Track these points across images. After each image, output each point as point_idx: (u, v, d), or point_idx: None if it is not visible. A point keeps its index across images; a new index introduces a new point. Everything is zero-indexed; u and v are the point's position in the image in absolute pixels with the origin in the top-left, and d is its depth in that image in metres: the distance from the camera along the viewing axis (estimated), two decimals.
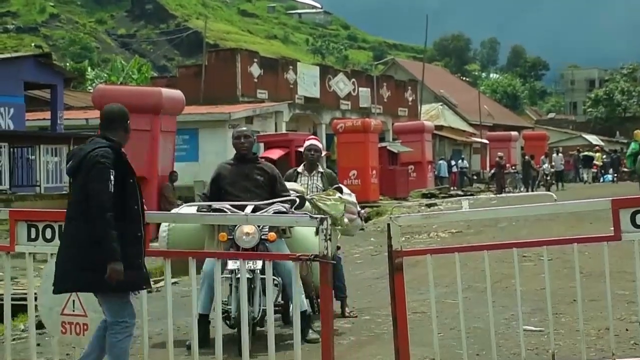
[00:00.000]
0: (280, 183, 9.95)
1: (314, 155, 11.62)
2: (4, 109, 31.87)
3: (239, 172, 9.84)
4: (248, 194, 9.67)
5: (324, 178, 11.57)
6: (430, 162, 49.19)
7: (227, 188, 9.75)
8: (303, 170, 11.65)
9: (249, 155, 9.96)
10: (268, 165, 10.05)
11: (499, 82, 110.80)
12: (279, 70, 47.72)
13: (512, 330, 9.15)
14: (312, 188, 11.34)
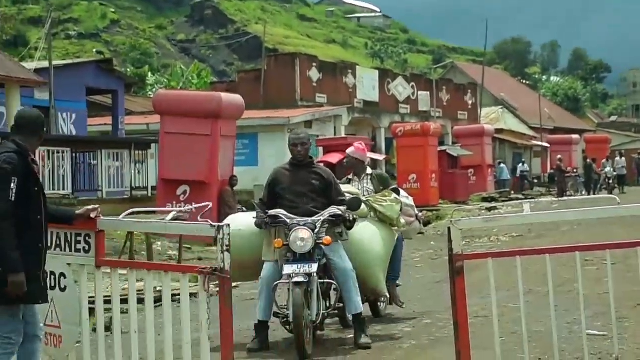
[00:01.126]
0: (336, 188, 9.88)
1: (347, 163, 11.76)
2: (66, 114, 32.29)
3: (295, 177, 9.76)
4: (304, 198, 9.62)
5: (374, 180, 11.48)
6: (490, 165, 48.89)
7: (283, 193, 9.68)
8: (353, 177, 11.63)
9: (305, 161, 9.87)
10: (324, 170, 10.01)
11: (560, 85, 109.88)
12: (338, 74, 47.73)
13: (574, 335, 9.07)
14: (363, 191, 11.28)
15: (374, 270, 10.03)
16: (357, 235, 9.95)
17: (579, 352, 7.82)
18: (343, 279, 9.43)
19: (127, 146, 27.92)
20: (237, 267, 9.43)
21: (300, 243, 9.12)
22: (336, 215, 9.47)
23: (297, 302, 8.72)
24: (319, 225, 9.32)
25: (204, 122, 23.13)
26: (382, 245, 10.22)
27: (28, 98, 30.02)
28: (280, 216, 9.37)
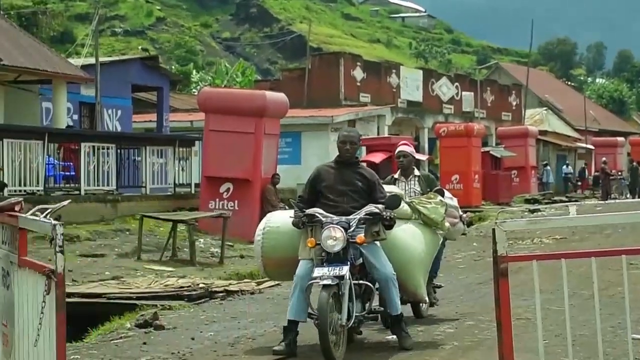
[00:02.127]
0: (380, 190, 9.52)
1: (402, 162, 11.54)
2: (112, 110, 32.53)
3: (339, 176, 9.49)
4: (344, 198, 9.34)
5: (421, 181, 11.45)
6: (533, 167, 48.64)
7: (324, 191, 9.42)
8: (400, 176, 11.58)
9: (351, 160, 9.60)
10: (368, 171, 9.72)
11: (605, 87, 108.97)
12: (381, 73, 47.71)
13: (619, 339, 9.00)
14: (410, 193, 11.24)
15: (414, 273, 9.71)
16: (399, 235, 9.64)
17: (624, 357, 7.75)
18: (383, 283, 9.20)
19: (171, 143, 28.04)
20: (275, 265, 9.80)
21: (331, 242, 8.84)
22: (373, 214, 9.14)
23: (322, 305, 8.48)
24: (354, 224, 9.03)
25: (248, 120, 23.19)
26: (425, 248, 9.86)
27: (75, 94, 30.32)
28: (317, 215, 9.11)
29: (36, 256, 6.40)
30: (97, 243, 20.98)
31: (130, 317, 12.13)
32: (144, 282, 14.75)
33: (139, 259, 19.47)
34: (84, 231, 21.60)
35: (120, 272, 17.08)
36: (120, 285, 14.49)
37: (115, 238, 22.08)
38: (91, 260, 18.76)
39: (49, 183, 23.89)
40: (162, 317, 11.54)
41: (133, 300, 13.21)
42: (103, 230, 22.37)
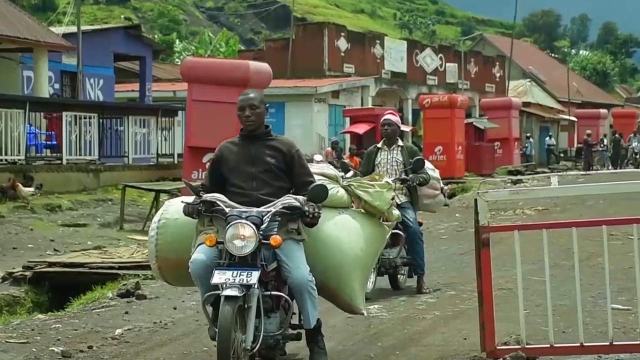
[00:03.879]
0: (302, 167, 7.30)
1: (387, 130, 11.46)
2: (94, 80, 32.37)
3: (244, 154, 7.28)
4: (253, 182, 7.17)
5: (404, 152, 11.38)
6: (516, 139, 48.72)
7: (229, 176, 7.27)
8: (382, 145, 11.53)
9: (257, 131, 7.33)
10: (285, 142, 7.39)
11: (588, 59, 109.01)
12: (365, 44, 47.60)
13: (599, 309, 9.04)
14: (392, 162, 11.32)
15: (349, 279, 7.48)
16: (329, 231, 7.42)
17: (603, 326, 7.80)
18: (296, 289, 6.98)
19: (154, 113, 27.98)
20: (173, 267, 7.52)
21: (238, 243, 6.70)
22: (291, 208, 6.98)
23: (224, 324, 6.43)
24: (268, 220, 6.90)
25: (232, 90, 23.02)
26: (364, 246, 7.58)
27: (56, 63, 30.14)
28: (218, 203, 6.97)
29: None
30: (79, 213, 20.95)
31: (112, 286, 12.13)
32: (126, 252, 14.73)
33: (121, 229, 19.47)
34: (66, 201, 21.56)
35: (103, 242, 17.07)
36: (102, 255, 14.47)
37: (98, 208, 22.06)
38: (73, 230, 18.74)
39: (30, 152, 23.81)
40: (144, 287, 11.55)
41: (115, 270, 13.20)
42: (85, 200, 22.33)
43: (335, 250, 7.36)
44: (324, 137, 37.66)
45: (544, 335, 7.60)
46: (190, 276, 6.91)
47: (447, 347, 8.13)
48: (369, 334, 8.87)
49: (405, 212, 11.02)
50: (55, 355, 8.25)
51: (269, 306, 6.89)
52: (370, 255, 7.73)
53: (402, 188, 11.17)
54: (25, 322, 10.24)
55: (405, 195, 11.22)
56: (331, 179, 7.71)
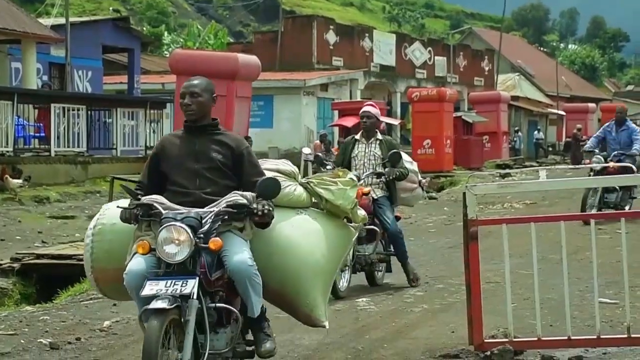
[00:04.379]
0: (252, 163, 6.50)
1: (366, 122, 11.15)
2: (82, 72, 32.29)
3: (187, 149, 6.47)
4: (197, 179, 6.38)
5: (382, 145, 11.06)
6: (505, 132, 48.78)
7: (169, 172, 6.45)
8: (361, 138, 11.23)
9: (200, 122, 6.52)
10: (232, 137, 6.59)
11: (577, 53, 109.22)
12: (354, 37, 47.61)
13: (586, 302, 9.06)
14: (369, 156, 11.04)
15: (309, 287, 6.62)
16: (286, 233, 6.57)
17: (591, 320, 7.82)
18: (236, 276, 6.12)
19: (142, 105, 27.94)
20: (111, 279, 6.56)
21: (170, 248, 5.89)
22: (237, 206, 6.16)
23: (150, 340, 5.59)
24: (210, 220, 6.09)
25: (220, 82, 23.00)
26: (326, 250, 6.71)
27: (44, 55, 30.06)
28: (156, 206, 6.15)
29: None
30: (67, 205, 20.92)
31: None
32: None
33: None
34: (54, 193, 21.53)
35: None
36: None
37: (86, 200, 22.03)
38: (61, 222, 18.71)
39: (18, 144, 23.75)
40: None
41: None
42: (73, 192, 22.29)
43: (292, 256, 6.51)
44: (312, 130, 37.66)
45: (532, 329, 7.62)
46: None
47: (435, 340, 8.14)
48: (356, 327, 8.88)
49: (383, 212, 10.83)
50: (44, 346, 8.25)
51: (213, 320, 6.06)
52: (332, 261, 6.81)
53: (380, 182, 10.94)
54: (13, 313, 10.23)
55: (382, 190, 10.96)
56: (288, 176, 6.84)
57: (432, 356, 7.59)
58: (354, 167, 10.94)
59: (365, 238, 10.77)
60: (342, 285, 10.48)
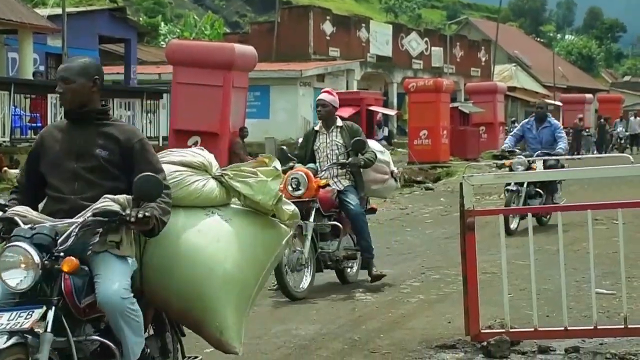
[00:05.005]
0: (146, 160, 5.28)
1: (320, 111, 10.54)
2: None
3: (67, 145, 5.32)
4: (76, 182, 5.23)
5: (344, 133, 10.46)
6: (502, 123, 48.76)
7: (47, 173, 5.33)
8: (320, 128, 10.64)
9: (81, 109, 5.40)
10: (125, 129, 5.46)
11: (574, 43, 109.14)
12: (351, 28, 47.55)
13: (583, 293, 9.07)
14: (331, 146, 10.49)
15: (217, 304, 5.44)
16: (190, 241, 5.45)
17: (587, 310, 7.83)
18: (107, 311, 4.93)
19: (139, 95, 27.89)
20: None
21: (11, 274, 4.72)
22: (107, 213, 4.96)
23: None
24: (75, 234, 4.88)
25: (216, 73, 23.06)
26: (240, 257, 5.57)
27: (41, 45, 30.02)
28: (16, 220, 4.97)
29: None
30: None
31: None
32: None
33: None
34: None
35: None
36: None
37: None
38: None
39: (15, 134, 23.73)
40: None
41: None
42: None
43: (195, 267, 5.38)
44: (309, 121, 37.59)
45: (528, 319, 7.63)
46: None
47: (432, 330, 8.14)
48: (353, 317, 8.88)
49: (346, 196, 10.26)
50: None
51: (84, 356, 4.93)
52: (252, 269, 5.67)
53: (346, 173, 10.42)
54: None
55: (348, 180, 10.41)
56: (197, 169, 5.71)
57: (429, 346, 7.59)
58: (317, 159, 10.52)
59: (330, 234, 10.15)
60: (301, 286, 9.86)
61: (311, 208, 9.92)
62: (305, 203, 9.77)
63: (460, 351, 7.42)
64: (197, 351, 6.40)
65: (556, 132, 15.57)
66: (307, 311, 9.19)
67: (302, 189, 9.90)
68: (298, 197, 9.71)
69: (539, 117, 15.79)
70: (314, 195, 9.95)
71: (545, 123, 15.67)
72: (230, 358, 6.80)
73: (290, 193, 9.74)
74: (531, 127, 15.81)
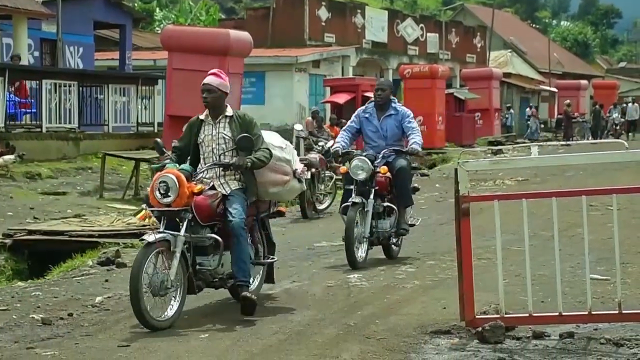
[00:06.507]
0: None
1: (207, 98, 8.82)
2: (73, 48, 32.16)
3: None
4: None
5: (233, 125, 8.75)
6: (497, 109, 48.79)
7: None
8: (206, 118, 8.88)
9: None
10: None
11: (569, 29, 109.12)
12: (347, 14, 47.44)
13: (577, 279, 9.09)
14: (217, 139, 8.72)
15: None
16: None
17: (582, 296, 7.85)
18: None
19: (134, 81, 27.84)
20: None
21: None
22: None
23: None
24: None
25: (212, 58, 22.98)
26: None
27: (35, 30, 29.92)
28: None
29: None
30: (59, 181, 20.90)
31: (92, 254, 12.13)
32: (106, 221, 14.70)
33: (101, 197, 19.42)
34: (45, 169, 21.49)
35: (83, 210, 17.03)
36: (82, 223, 14.44)
37: (78, 176, 21.99)
38: (53, 198, 18.70)
39: (10, 120, 23.71)
40: (124, 255, 11.55)
41: (95, 238, 13.20)
42: (65, 168, 22.27)
43: None
44: (304, 107, 37.59)
45: (523, 305, 7.65)
46: None
47: (427, 316, 8.17)
48: (349, 303, 8.90)
49: (230, 203, 8.47)
50: (36, 322, 8.26)
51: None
52: None
53: (234, 174, 8.66)
54: (5, 289, 10.25)
55: (238, 182, 8.66)
56: None
57: (424, 332, 7.62)
58: (201, 154, 8.80)
59: (212, 247, 9.07)
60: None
61: (183, 219, 8.14)
62: (176, 213, 8.12)
63: (455, 337, 7.44)
64: None
65: (405, 121, 11.66)
66: (302, 297, 9.21)
67: (171, 195, 8.10)
68: (166, 204, 8.11)
69: (381, 103, 11.66)
70: (186, 203, 8.14)
71: (390, 110, 11.67)
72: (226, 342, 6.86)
73: (158, 200, 8.15)
74: (370, 117, 11.68)
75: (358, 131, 11.72)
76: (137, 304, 7.71)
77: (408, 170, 11.54)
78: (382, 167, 11.26)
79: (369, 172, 11.03)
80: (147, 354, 7.14)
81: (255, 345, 7.30)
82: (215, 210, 8.40)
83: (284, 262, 10.92)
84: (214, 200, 8.40)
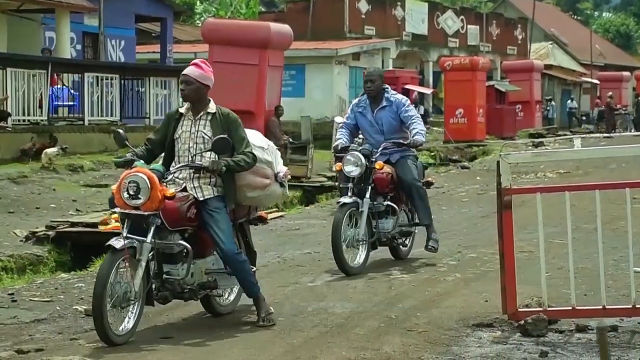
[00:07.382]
0: None
1: (184, 91, 8.01)
2: (115, 41, 32.34)
3: None
4: None
5: (214, 122, 7.90)
6: (538, 101, 48.50)
7: None
8: (187, 112, 8.03)
9: None
10: None
11: (612, 21, 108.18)
12: (387, 6, 47.35)
13: (621, 272, 9.03)
14: (195, 138, 7.85)
15: None
16: None
17: (625, 289, 7.79)
18: None
19: (174, 74, 27.91)
20: None
21: None
22: None
23: None
24: None
25: (252, 51, 23.06)
26: None
27: (78, 24, 30.12)
28: None
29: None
30: (100, 173, 21.03)
31: None
32: None
33: None
34: (87, 161, 21.64)
35: None
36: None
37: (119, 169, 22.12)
38: (95, 191, 18.81)
39: (53, 113, 23.91)
40: None
41: None
42: (107, 161, 22.38)
43: None
44: (344, 100, 37.55)
45: (566, 298, 7.61)
46: None
47: (468, 309, 8.14)
48: (389, 296, 8.90)
49: (215, 223, 7.66)
50: (79, 313, 8.33)
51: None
52: None
53: (210, 178, 7.79)
54: (49, 281, 10.34)
55: (214, 187, 7.78)
56: None
57: (466, 325, 7.60)
58: (177, 152, 7.94)
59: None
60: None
61: (151, 224, 7.36)
62: (144, 217, 7.35)
63: (497, 330, 7.42)
64: None
65: (401, 111, 10.64)
66: (343, 289, 9.21)
67: (142, 197, 7.30)
68: (134, 207, 7.33)
69: (373, 94, 10.72)
70: (156, 207, 7.35)
71: (383, 101, 10.72)
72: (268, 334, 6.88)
73: (126, 201, 7.38)
74: (364, 110, 10.83)
75: (356, 127, 10.90)
76: (100, 317, 7.02)
77: (419, 185, 10.66)
78: (378, 162, 10.30)
79: (362, 168, 10.16)
80: (189, 349, 7.16)
81: (297, 337, 7.31)
82: (185, 214, 7.55)
83: (325, 255, 10.93)
84: (183, 204, 7.56)
